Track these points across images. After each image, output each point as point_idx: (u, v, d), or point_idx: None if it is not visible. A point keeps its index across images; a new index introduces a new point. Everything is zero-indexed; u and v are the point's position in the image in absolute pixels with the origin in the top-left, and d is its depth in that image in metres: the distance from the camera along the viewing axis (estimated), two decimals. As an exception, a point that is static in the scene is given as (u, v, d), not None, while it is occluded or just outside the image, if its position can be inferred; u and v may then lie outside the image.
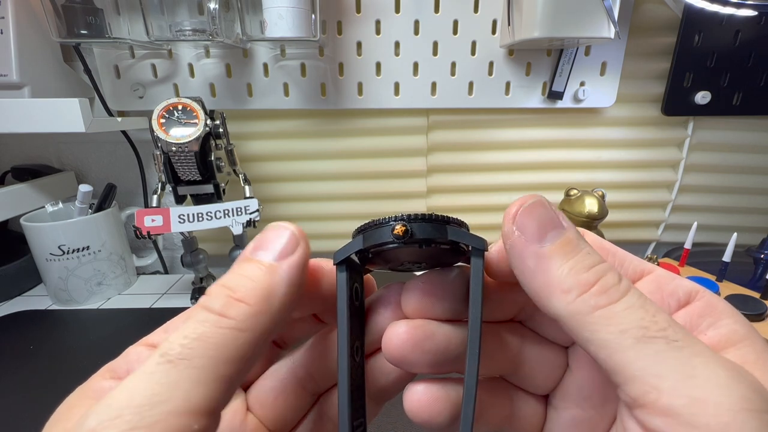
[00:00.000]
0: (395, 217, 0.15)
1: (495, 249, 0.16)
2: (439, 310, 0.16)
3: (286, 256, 0.14)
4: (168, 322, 0.16)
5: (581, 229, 0.17)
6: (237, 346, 0.12)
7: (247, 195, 0.53)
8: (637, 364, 0.12)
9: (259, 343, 0.13)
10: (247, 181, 0.54)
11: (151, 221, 0.48)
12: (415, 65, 0.55)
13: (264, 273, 0.14)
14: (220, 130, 0.50)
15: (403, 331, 0.15)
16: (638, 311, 0.12)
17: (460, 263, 0.17)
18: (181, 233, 0.54)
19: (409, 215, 0.15)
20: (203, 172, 0.50)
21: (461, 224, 0.15)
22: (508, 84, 0.56)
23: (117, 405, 0.11)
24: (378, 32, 0.54)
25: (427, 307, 0.16)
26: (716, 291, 0.45)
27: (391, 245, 0.15)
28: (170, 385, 0.11)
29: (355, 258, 0.16)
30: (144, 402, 0.10)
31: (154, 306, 0.54)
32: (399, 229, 0.14)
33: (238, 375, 0.12)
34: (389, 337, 0.15)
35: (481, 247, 0.15)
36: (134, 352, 0.15)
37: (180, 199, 0.52)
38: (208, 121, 0.48)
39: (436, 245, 0.15)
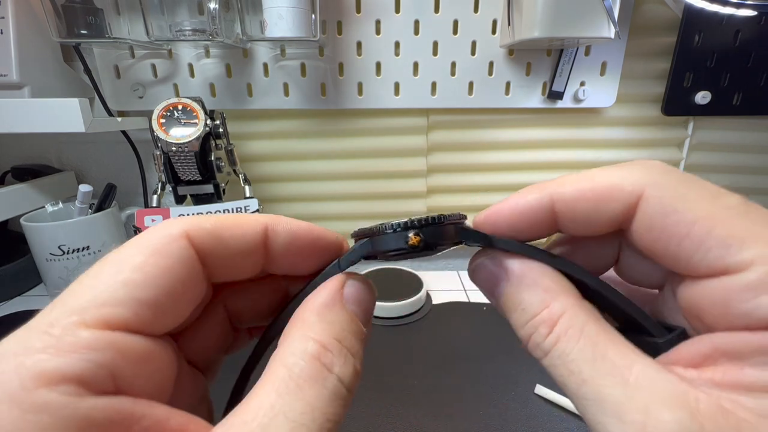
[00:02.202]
0: (405, 223, 0.14)
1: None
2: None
3: (369, 321, 0.15)
4: (118, 259, 0.11)
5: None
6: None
7: (247, 195, 0.53)
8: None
9: None
10: (247, 181, 0.54)
11: (151, 221, 0.48)
12: (415, 65, 0.55)
13: (363, 341, 0.14)
14: (220, 130, 0.50)
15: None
16: (560, 370, 0.13)
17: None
18: (181, 233, 0.54)
19: (420, 221, 0.14)
20: (203, 172, 0.50)
21: (462, 218, 0.16)
22: (508, 84, 0.56)
23: None
24: (378, 32, 0.54)
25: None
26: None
27: (402, 252, 0.15)
28: None
29: None
30: None
31: (154, 306, 0.53)
32: (414, 240, 0.14)
33: None
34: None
35: (490, 244, 0.15)
36: (99, 346, 0.10)
37: (180, 199, 0.52)
38: (208, 121, 0.48)
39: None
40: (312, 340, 0.12)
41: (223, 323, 0.16)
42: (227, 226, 0.13)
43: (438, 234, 0.15)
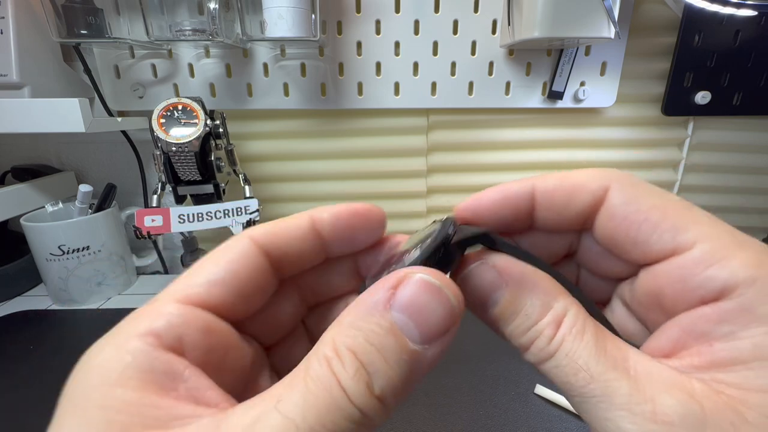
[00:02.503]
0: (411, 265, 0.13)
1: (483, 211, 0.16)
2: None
3: (433, 340, 0.12)
4: (201, 261, 0.14)
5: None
6: None
7: (247, 195, 0.53)
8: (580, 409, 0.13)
9: None
10: (247, 181, 0.54)
11: (151, 221, 0.48)
12: (415, 65, 0.55)
13: (406, 361, 0.11)
14: (220, 130, 0.50)
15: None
16: (566, 370, 0.13)
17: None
18: (181, 233, 0.54)
19: (427, 257, 0.13)
20: (203, 172, 0.50)
21: (452, 230, 0.15)
22: (508, 84, 0.56)
23: None
24: (378, 32, 0.54)
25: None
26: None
27: None
28: None
29: None
30: None
31: (154, 306, 0.54)
32: None
33: None
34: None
35: (487, 241, 0.15)
36: (176, 313, 0.12)
37: (180, 199, 0.52)
38: (208, 121, 0.48)
39: None
40: (332, 343, 0.11)
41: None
42: (280, 223, 0.16)
43: (448, 264, 0.14)
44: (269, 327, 0.17)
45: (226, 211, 0.50)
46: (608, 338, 0.13)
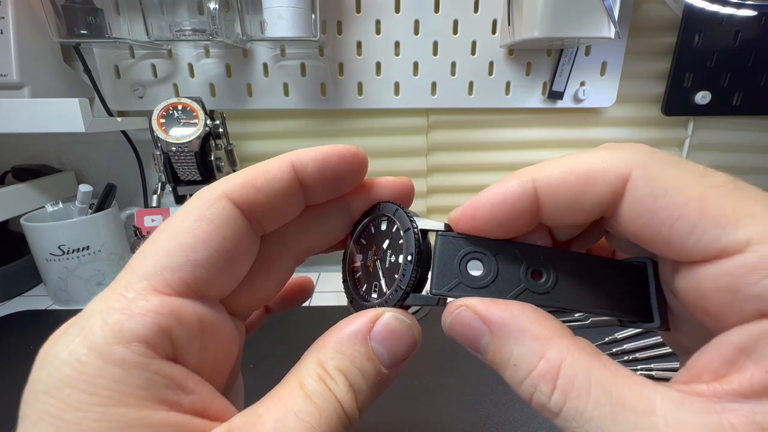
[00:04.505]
0: (386, 302, 0.15)
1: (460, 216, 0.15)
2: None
3: (397, 365, 0.14)
4: (171, 229, 0.12)
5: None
6: None
7: (247, 195, 0.53)
8: None
9: None
10: (247, 181, 0.54)
11: (151, 221, 0.48)
12: (415, 65, 0.55)
13: (379, 382, 0.13)
14: (220, 130, 0.50)
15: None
16: (570, 413, 0.11)
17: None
18: (181, 233, 0.54)
19: (395, 299, 0.15)
20: (203, 172, 0.50)
21: (411, 222, 0.16)
22: (508, 84, 0.56)
23: None
24: (378, 32, 0.54)
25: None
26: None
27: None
28: None
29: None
30: None
31: (154, 306, 0.53)
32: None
33: None
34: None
35: (442, 299, 0.15)
36: (164, 312, 0.11)
37: (180, 199, 0.52)
38: (208, 121, 0.48)
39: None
40: (320, 365, 0.13)
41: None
42: (257, 174, 0.14)
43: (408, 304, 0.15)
44: (256, 297, 0.16)
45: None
46: (624, 384, 0.11)
